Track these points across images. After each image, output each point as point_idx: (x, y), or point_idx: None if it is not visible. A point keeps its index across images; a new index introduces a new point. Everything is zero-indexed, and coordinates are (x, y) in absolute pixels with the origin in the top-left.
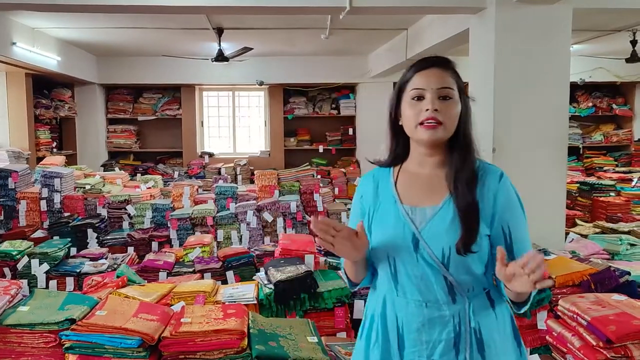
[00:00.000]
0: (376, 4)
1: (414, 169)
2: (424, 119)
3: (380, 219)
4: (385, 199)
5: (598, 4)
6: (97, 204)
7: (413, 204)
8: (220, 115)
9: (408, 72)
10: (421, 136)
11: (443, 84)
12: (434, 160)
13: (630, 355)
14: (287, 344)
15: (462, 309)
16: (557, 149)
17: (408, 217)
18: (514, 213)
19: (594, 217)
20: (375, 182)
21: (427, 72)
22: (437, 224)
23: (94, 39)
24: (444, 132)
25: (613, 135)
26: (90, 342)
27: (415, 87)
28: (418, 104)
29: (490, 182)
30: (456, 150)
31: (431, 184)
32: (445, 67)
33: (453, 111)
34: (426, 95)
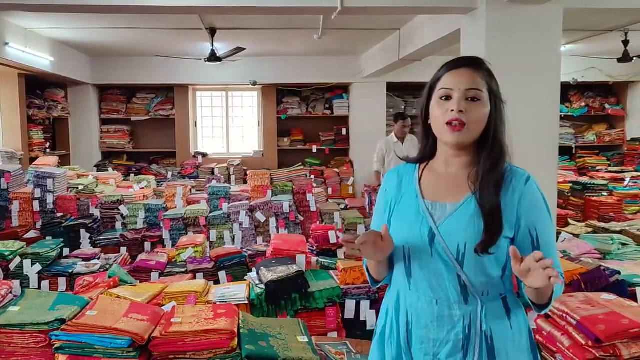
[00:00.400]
0: (367, 4)
1: (440, 168)
2: (449, 120)
3: (401, 212)
4: (407, 193)
5: (589, 4)
6: (90, 205)
7: (434, 200)
8: (213, 115)
9: (439, 71)
10: (446, 138)
11: (472, 85)
12: (461, 161)
13: (619, 354)
14: (277, 344)
15: (474, 311)
16: (548, 148)
17: (427, 212)
18: (540, 216)
19: (586, 216)
20: (400, 177)
21: (457, 72)
22: (456, 220)
23: (87, 39)
24: (469, 134)
25: (606, 135)
26: (80, 342)
27: (444, 87)
28: (445, 104)
29: (516, 184)
30: (485, 152)
31: (455, 182)
32: (477, 67)
33: (479, 113)
34: (454, 95)
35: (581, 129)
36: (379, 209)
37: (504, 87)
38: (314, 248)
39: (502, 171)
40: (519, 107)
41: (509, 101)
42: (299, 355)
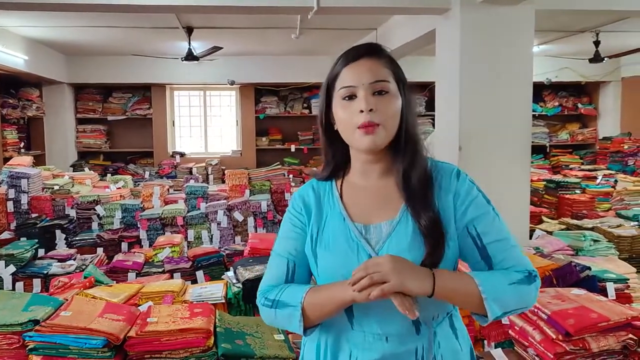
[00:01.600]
0: (343, 4)
1: (359, 181)
2: (360, 124)
3: (328, 241)
4: (331, 216)
5: (560, 5)
6: (66, 205)
7: (366, 222)
8: (191, 115)
9: (335, 65)
10: (359, 143)
11: (376, 77)
12: (379, 168)
13: (587, 347)
14: (253, 342)
15: (427, 341)
16: (521, 147)
17: (362, 237)
18: (479, 211)
19: (560, 214)
20: (317, 195)
21: (356, 65)
22: (396, 242)
23: (62, 37)
24: (385, 133)
25: (578, 134)
26: (54, 342)
27: (345, 85)
28: (351, 104)
29: (445, 182)
30: (400, 153)
31: (382, 195)
32: (378, 55)
33: (392, 107)
34: (358, 92)
35: (555, 128)
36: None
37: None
38: None
39: (425, 168)
40: (492, 107)
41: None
42: (275, 353)
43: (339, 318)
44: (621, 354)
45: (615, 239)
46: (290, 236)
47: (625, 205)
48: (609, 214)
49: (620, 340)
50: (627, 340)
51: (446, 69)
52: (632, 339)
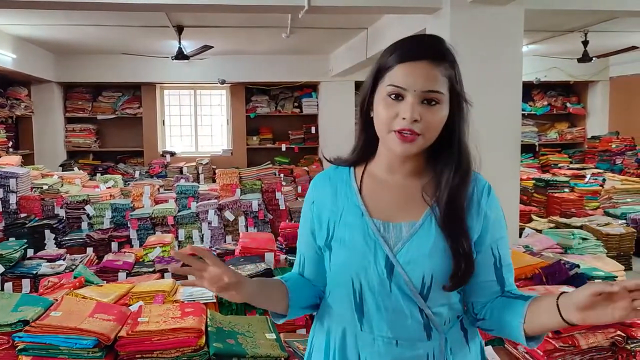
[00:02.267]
0: (334, 4)
1: (382, 174)
2: (399, 129)
3: (344, 235)
4: (348, 209)
5: (549, 6)
6: (55, 205)
7: (385, 219)
8: (181, 114)
9: (390, 56)
10: (393, 147)
11: (431, 87)
12: (408, 167)
13: (577, 344)
14: (245, 341)
15: (438, 346)
16: (511, 146)
17: (379, 235)
18: (502, 233)
19: (549, 212)
20: (333, 186)
21: (413, 66)
22: (417, 246)
23: (51, 36)
24: (423, 144)
25: (567, 133)
26: (45, 343)
27: (394, 84)
28: (394, 105)
29: (479, 197)
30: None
31: (405, 194)
32: (440, 61)
33: (437, 119)
34: (406, 96)
35: (544, 127)
36: (305, 225)
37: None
38: (283, 246)
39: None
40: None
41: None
42: (266, 352)
43: (348, 318)
44: (609, 351)
45: (603, 237)
46: (303, 230)
47: (613, 204)
48: (598, 212)
49: (609, 337)
50: (615, 337)
51: None
52: (620, 336)
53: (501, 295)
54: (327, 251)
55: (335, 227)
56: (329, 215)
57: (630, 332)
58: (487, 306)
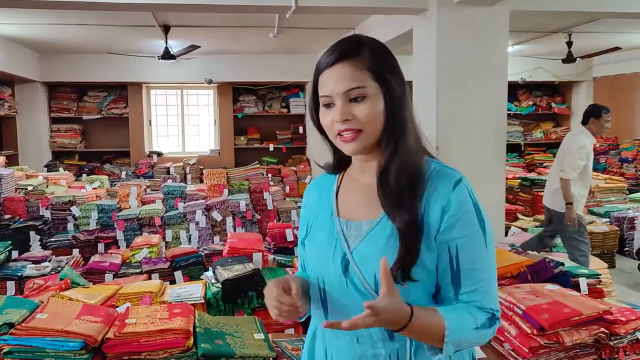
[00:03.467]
0: (321, 4)
1: (355, 176)
2: (338, 131)
3: (315, 233)
4: (323, 209)
5: (534, 7)
6: (40, 206)
7: (349, 217)
8: (168, 114)
9: (315, 70)
10: (343, 149)
11: (350, 85)
12: (373, 166)
13: (561, 341)
14: (233, 342)
15: (402, 348)
16: (497, 145)
17: (342, 234)
18: (466, 231)
19: (534, 211)
20: (320, 190)
21: (330, 73)
22: (371, 243)
23: (35, 35)
24: (366, 138)
25: (552, 132)
26: (31, 346)
27: (323, 94)
28: (330, 112)
29: (442, 189)
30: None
31: (369, 193)
32: (353, 57)
33: (369, 113)
34: (335, 101)
35: (529, 126)
36: (301, 228)
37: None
38: (271, 246)
39: (417, 171)
40: (468, 106)
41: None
42: (255, 352)
43: (318, 314)
44: (593, 347)
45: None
46: (301, 230)
47: (597, 203)
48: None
49: (593, 333)
50: (599, 333)
51: (423, 69)
52: (604, 333)
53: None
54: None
55: (312, 226)
56: (310, 216)
57: (614, 329)
58: None
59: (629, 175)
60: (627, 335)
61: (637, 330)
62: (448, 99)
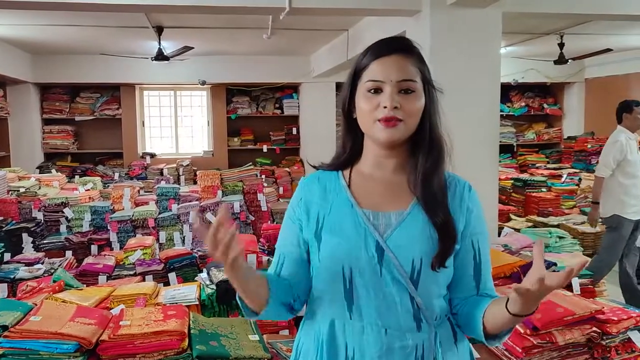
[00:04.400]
0: (315, 5)
1: (369, 171)
2: (381, 117)
3: (334, 224)
4: (337, 203)
5: (527, 9)
6: (33, 208)
7: (374, 208)
8: (161, 115)
9: (364, 57)
10: (378, 135)
11: (405, 76)
12: (393, 163)
13: (554, 341)
14: (228, 343)
15: (427, 340)
16: (490, 146)
17: (369, 223)
18: (482, 229)
19: (527, 211)
20: (322, 185)
21: (386, 61)
22: (406, 232)
23: (27, 36)
24: (405, 130)
25: (544, 133)
26: (24, 348)
27: (372, 79)
28: (375, 98)
29: (461, 191)
30: (423, 150)
31: (393, 188)
32: (408, 53)
33: (415, 106)
34: (385, 88)
35: (522, 127)
36: (284, 226)
37: (448, 87)
38: (265, 247)
39: (444, 171)
40: (461, 107)
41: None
42: (250, 354)
43: (337, 307)
44: (586, 347)
45: (579, 236)
46: (285, 229)
47: (589, 203)
48: (574, 211)
49: (585, 333)
50: (592, 333)
51: None
52: (596, 332)
53: (477, 295)
54: (316, 243)
55: (325, 218)
56: (318, 209)
57: (606, 328)
58: (462, 302)
59: None
60: (619, 335)
61: (628, 330)
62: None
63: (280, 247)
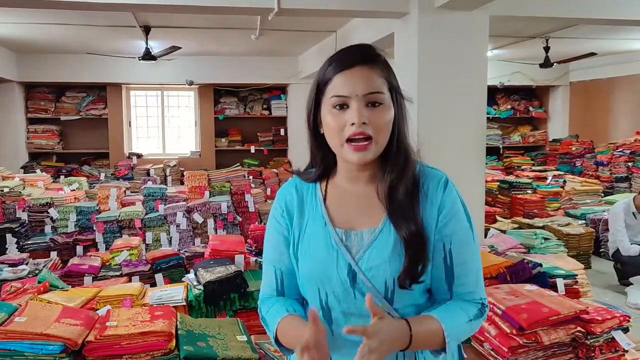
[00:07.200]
0: (304, 6)
1: (344, 184)
2: (350, 135)
3: (308, 245)
4: (312, 219)
5: (513, 12)
6: (17, 208)
7: (347, 227)
8: (148, 115)
9: (327, 69)
10: (349, 157)
11: (371, 89)
12: (367, 175)
13: (539, 340)
14: (216, 344)
15: None
16: (477, 148)
17: (342, 244)
18: (457, 228)
19: (512, 213)
20: (300, 195)
21: (350, 73)
22: (377, 252)
23: (12, 34)
24: (375, 149)
25: (530, 136)
26: (9, 349)
27: (337, 94)
28: (341, 114)
29: (433, 192)
30: (390, 162)
31: (366, 202)
32: (373, 63)
33: (384, 120)
34: (351, 103)
35: (508, 130)
36: (271, 239)
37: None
38: (253, 248)
39: (412, 177)
40: (448, 109)
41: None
42: (237, 354)
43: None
44: (570, 346)
45: (564, 237)
46: (274, 242)
47: (573, 205)
48: (559, 213)
49: (570, 332)
50: (576, 332)
51: (404, 72)
52: (580, 332)
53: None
54: (295, 261)
55: (300, 237)
56: (295, 226)
57: (590, 328)
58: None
59: (604, 178)
60: (603, 334)
61: (612, 329)
62: (428, 103)
63: (273, 261)
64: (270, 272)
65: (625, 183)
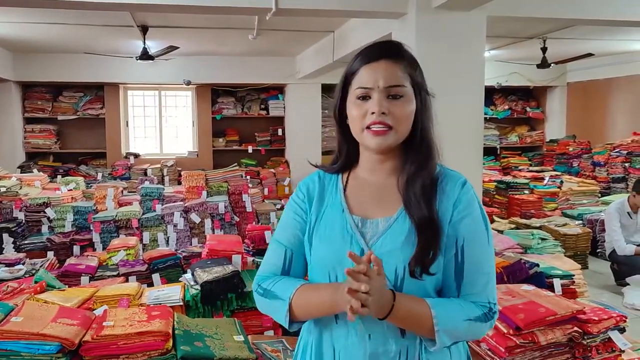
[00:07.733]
0: (301, 6)
1: (365, 175)
2: (370, 123)
3: (324, 229)
4: (331, 206)
5: (511, 13)
6: (14, 207)
7: (363, 215)
8: (146, 115)
9: (354, 62)
10: (368, 142)
11: (392, 82)
12: (387, 167)
13: (536, 340)
14: (213, 344)
15: (412, 345)
16: (474, 149)
17: (357, 230)
18: (472, 227)
19: (510, 213)
20: (322, 184)
21: (374, 66)
22: (390, 239)
23: (9, 34)
24: (395, 137)
25: (527, 136)
26: (5, 349)
27: (361, 86)
28: (364, 104)
29: (451, 190)
30: (411, 155)
31: (383, 192)
32: (397, 58)
33: (405, 112)
34: (372, 94)
35: (505, 130)
36: (287, 220)
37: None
38: (250, 248)
39: (432, 173)
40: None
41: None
42: (235, 354)
43: None
44: (567, 346)
45: (561, 237)
46: (291, 224)
47: (570, 205)
48: (556, 213)
49: (567, 332)
50: (573, 332)
51: None
52: (577, 332)
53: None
54: (309, 245)
55: (317, 221)
56: (313, 212)
57: (587, 328)
58: None
59: (601, 178)
60: (599, 335)
61: (609, 330)
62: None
63: (284, 240)
64: (279, 251)
65: (622, 184)
